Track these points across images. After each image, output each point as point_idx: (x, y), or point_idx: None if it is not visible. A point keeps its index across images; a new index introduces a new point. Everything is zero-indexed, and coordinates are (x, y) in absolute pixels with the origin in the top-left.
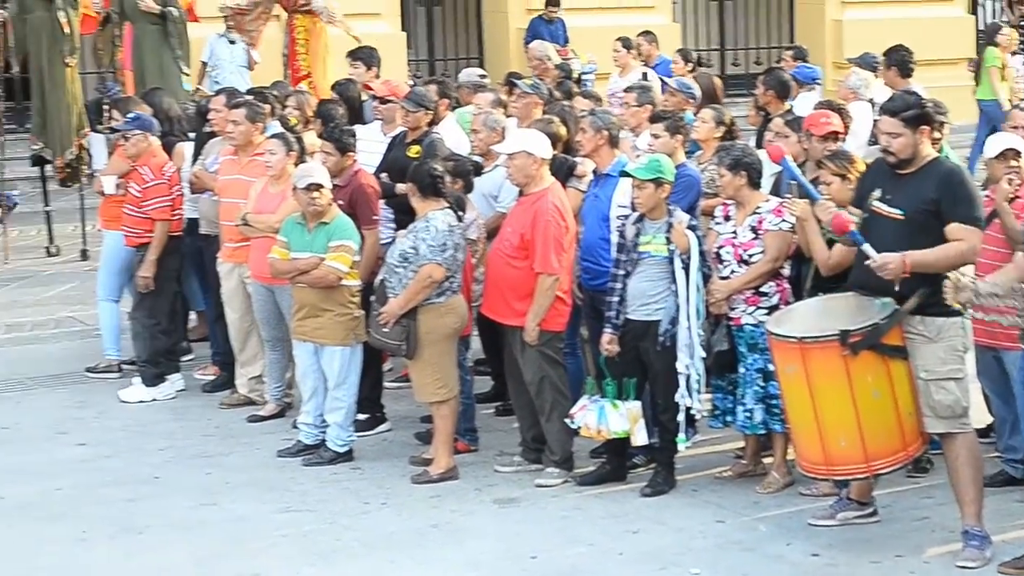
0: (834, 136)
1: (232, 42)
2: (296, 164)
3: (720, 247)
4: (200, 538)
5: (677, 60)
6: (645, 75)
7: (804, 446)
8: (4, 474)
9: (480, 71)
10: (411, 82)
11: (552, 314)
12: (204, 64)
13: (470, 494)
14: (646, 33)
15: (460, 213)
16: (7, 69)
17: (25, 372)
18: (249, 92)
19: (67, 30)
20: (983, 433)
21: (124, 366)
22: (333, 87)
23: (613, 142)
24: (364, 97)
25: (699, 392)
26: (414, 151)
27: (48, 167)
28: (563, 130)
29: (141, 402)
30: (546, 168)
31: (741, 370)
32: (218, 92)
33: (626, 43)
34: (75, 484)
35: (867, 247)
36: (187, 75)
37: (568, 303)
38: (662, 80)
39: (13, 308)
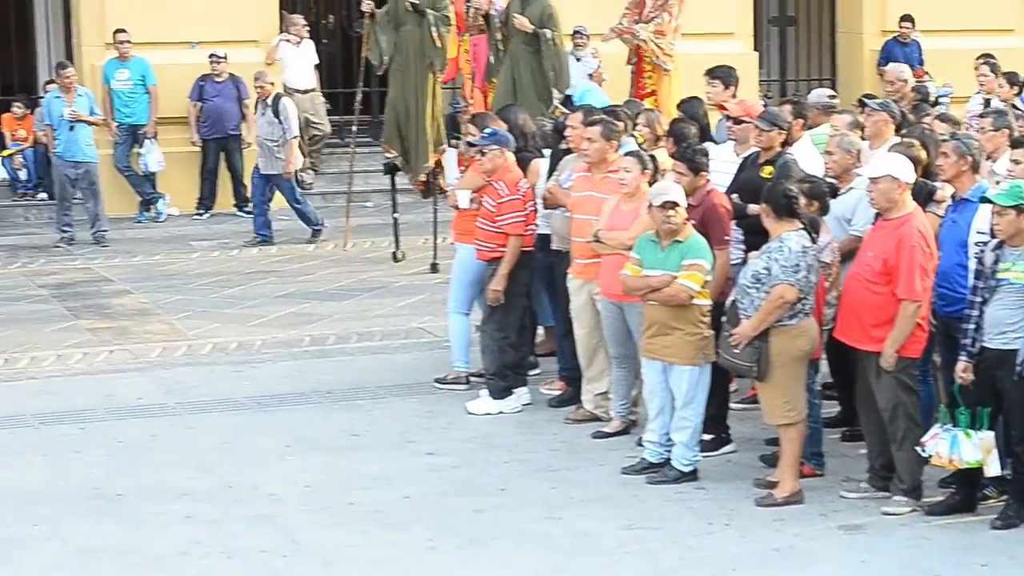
0: None
1: (578, 59)
2: (650, 183)
3: None
4: (545, 551)
5: (1003, 84)
6: (988, 101)
7: None
8: (355, 480)
9: (829, 91)
10: (764, 102)
11: (910, 340)
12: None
13: (815, 519)
14: (986, 56)
15: (814, 235)
16: (367, 83)
17: (375, 381)
18: (603, 110)
19: (438, 44)
20: None
21: (472, 378)
22: (679, 105)
23: (975, 167)
24: (719, 116)
25: None
26: (767, 172)
27: (398, 177)
28: (923, 154)
29: (488, 414)
30: (908, 193)
31: None
32: (575, 109)
33: (993, 67)
34: (423, 493)
35: None
36: (558, 97)
37: (926, 329)
38: (1013, 106)
39: (364, 318)
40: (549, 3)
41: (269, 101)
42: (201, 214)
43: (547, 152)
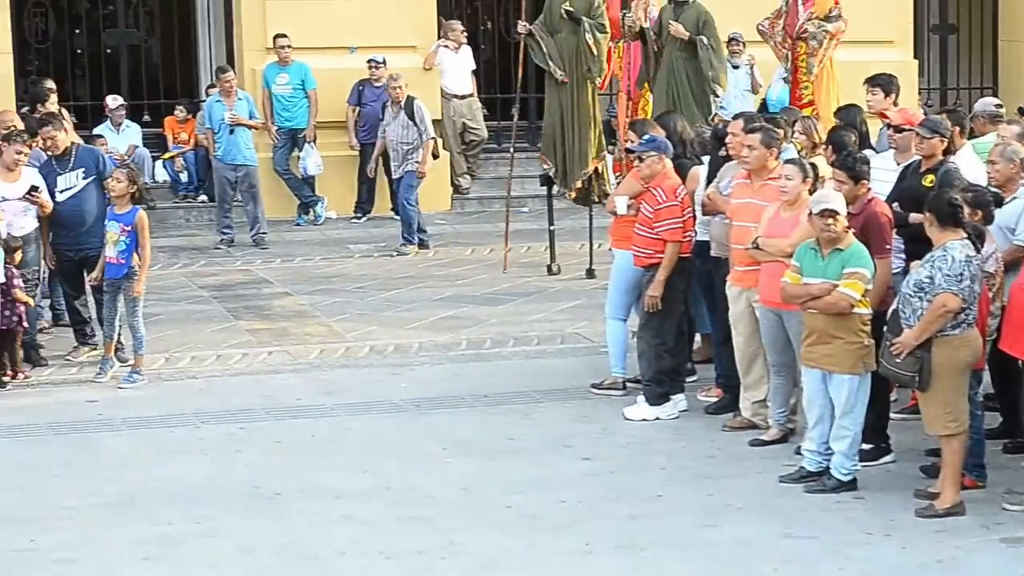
0: None
1: (735, 67)
2: (810, 190)
3: None
4: (702, 559)
5: None
6: None
7: None
8: (511, 484)
9: (996, 101)
10: (924, 110)
11: None
12: None
13: (976, 531)
14: None
15: (978, 245)
16: (524, 88)
17: (532, 385)
18: (763, 117)
19: (594, 51)
20: None
21: (628, 384)
22: (836, 113)
23: None
24: (879, 124)
25: None
26: (928, 180)
27: (555, 186)
28: None
29: (644, 420)
30: None
31: None
32: (736, 117)
33: None
34: (580, 498)
35: None
36: (717, 102)
37: None
38: None
39: (521, 322)
40: (705, 9)
41: (402, 103)
42: (359, 217)
43: (706, 159)
